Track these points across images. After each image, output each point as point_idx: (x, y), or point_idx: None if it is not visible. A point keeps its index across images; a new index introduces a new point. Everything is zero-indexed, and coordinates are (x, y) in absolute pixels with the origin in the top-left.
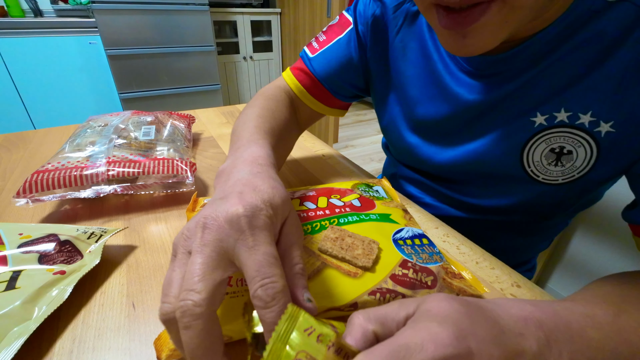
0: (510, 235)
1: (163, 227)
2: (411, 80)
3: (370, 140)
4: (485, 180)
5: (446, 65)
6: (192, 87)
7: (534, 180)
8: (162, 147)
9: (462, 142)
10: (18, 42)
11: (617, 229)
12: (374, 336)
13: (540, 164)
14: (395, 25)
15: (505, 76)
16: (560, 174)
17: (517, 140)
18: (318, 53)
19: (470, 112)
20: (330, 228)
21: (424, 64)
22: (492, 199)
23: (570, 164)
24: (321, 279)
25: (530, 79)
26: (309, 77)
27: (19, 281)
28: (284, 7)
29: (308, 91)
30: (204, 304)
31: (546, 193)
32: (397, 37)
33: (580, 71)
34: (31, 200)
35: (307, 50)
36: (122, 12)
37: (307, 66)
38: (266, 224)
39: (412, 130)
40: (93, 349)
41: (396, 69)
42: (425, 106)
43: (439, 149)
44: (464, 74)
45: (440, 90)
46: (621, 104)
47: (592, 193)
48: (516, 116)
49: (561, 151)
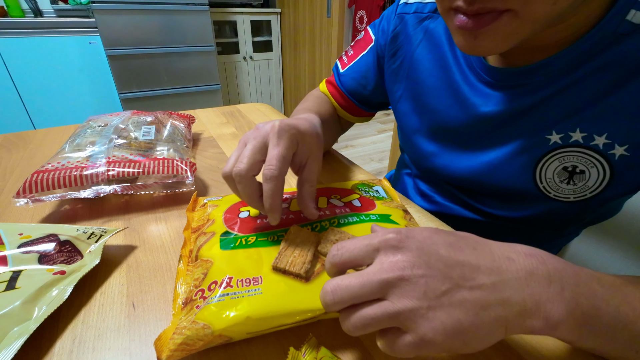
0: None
1: (163, 227)
2: (430, 90)
3: (370, 140)
4: (498, 193)
5: (465, 76)
6: (192, 87)
7: (546, 197)
8: (162, 147)
9: (477, 153)
10: (18, 42)
11: (617, 229)
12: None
13: (552, 181)
14: (416, 40)
15: (523, 90)
16: (572, 192)
17: (531, 156)
18: (347, 68)
19: (486, 122)
20: (330, 230)
21: (442, 75)
22: (504, 210)
23: (582, 183)
24: (321, 281)
25: (549, 95)
26: (338, 92)
27: (19, 281)
28: (284, 7)
29: (340, 105)
30: (246, 170)
31: (558, 209)
32: (417, 50)
33: (600, 93)
34: (31, 200)
35: (339, 64)
36: (122, 12)
37: (336, 82)
38: (290, 136)
39: (429, 138)
40: (93, 349)
41: (415, 80)
42: (442, 115)
43: (455, 158)
44: (483, 84)
45: (458, 100)
46: (638, 129)
47: (605, 207)
48: (532, 132)
49: (574, 170)
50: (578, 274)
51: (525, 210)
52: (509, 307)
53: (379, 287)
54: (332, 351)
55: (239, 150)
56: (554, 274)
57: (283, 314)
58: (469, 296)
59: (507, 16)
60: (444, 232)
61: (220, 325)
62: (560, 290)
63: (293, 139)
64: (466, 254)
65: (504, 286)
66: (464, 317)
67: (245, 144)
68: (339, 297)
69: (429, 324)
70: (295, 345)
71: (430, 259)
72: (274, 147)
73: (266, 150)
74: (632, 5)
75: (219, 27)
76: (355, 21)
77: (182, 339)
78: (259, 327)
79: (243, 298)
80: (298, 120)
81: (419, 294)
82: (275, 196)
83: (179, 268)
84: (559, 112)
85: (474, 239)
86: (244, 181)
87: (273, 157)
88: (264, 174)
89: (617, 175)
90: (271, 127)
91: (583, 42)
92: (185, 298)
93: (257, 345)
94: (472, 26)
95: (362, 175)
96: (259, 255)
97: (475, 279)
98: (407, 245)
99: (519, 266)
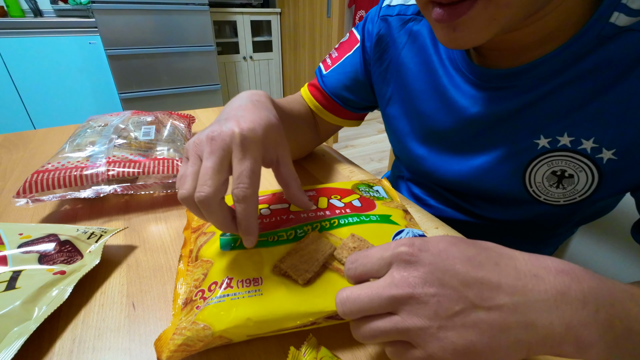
0: (514, 241)
1: (163, 227)
2: (417, 93)
3: (371, 140)
4: (488, 196)
5: (451, 78)
6: (192, 87)
7: (536, 200)
8: (162, 147)
9: (467, 157)
10: (18, 42)
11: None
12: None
13: (542, 185)
14: (400, 43)
15: (509, 92)
16: (562, 196)
17: (520, 160)
18: (330, 70)
19: (474, 125)
20: (351, 237)
21: (428, 78)
22: (496, 212)
23: (571, 187)
24: (322, 285)
25: (535, 99)
26: (321, 93)
27: (19, 281)
28: (283, 7)
29: (322, 106)
30: (212, 195)
31: (548, 212)
32: (401, 53)
33: (586, 97)
34: (31, 200)
35: (322, 66)
36: (122, 12)
37: (319, 83)
38: (255, 145)
39: (419, 142)
40: (93, 349)
41: (402, 84)
42: (431, 118)
43: (445, 162)
44: (469, 85)
45: (445, 103)
46: (625, 133)
47: (596, 207)
48: (520, 136)
49: (562, 174)
50: (613, 292)
51: (517, 213)
52: (532, 331)
53: (388, 303)
54: (332, 351)
55: (193, 165)
56: (589, 293)
57: (283, 315)
58: (485, 317)
59: (481, 3)
60: (463, 244)
61: (221, 326)
62: (595, 312)
63: (259, 145)
64: (486, 271)
65: (528, 308)
66: (477, 338)
67: (197, 157)
68: (348, 309)
69: (439, 343)
70: (296, 345)
71: (444, 276)
72: (240, 161)
73: (229, 166)
74: (616, 7)
75: (219, 27)
76: (355, 21)
77: (182, 339)
78: (259, 330)
79: (243, 299)
80: (251, 116)
81: (430, 313)
82: (250, 217)
83: (179, 268)
84: (546, 116)
85: (498, 252)
86: (212, 208)
87: (243, 174)
88: (235, 194)
89: (605, 179)
90: (230, 136)
91: (568, 46)
92: (186, 298)
93: (257, 345)
94: (448, 17)
95: (362, 175)
96: (259, 256)
97: (494, 298)
98: (420, 260)
99: (548, 285)
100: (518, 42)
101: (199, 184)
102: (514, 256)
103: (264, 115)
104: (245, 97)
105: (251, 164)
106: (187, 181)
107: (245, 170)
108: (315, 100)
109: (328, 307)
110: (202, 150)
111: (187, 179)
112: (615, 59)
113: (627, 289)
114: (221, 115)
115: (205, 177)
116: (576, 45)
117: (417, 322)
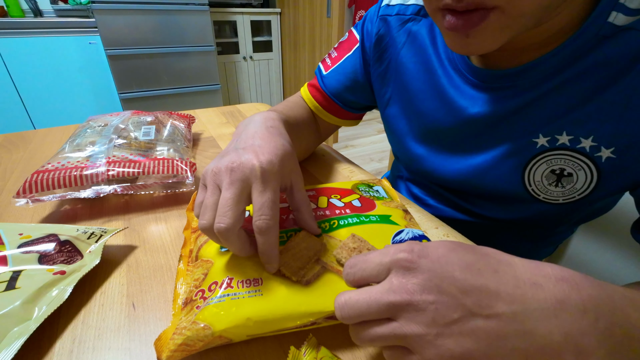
0: (514, 240)
1: (163, 227)
2: (416, 93)
3: (370, 140)
4: (488, 195)
5: (450, 78)
6: (192, 87)
7: (535, 199)
8: (162, 147)
9: (466, 156)
10: (18, 42)
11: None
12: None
13: (541, 183)
14: (399, 43)
15: (508, 92)
16: (561, 194)
17: (519, 159)
18: (330, 71)
19: (473, 125)
20: (351, 237)
21: (428, 78)
22: (495, 212)
23: (570, 185)
24: (322, 285)
25: (534, 98)
26: (321, 94)
27: (19, 281)
28: (283, 7)
29: (322, 106)
30: (232, 226)
31: (548, 211)
32: (400, 53)
33: (585, 96)
34: (31, 200)
35: (322, 67)
36: (122, 12)
37: (319, 83)
38: (274, 176)
39: (418, 141)
40: (93, 349)
41: (401, 84)
42: (430, 118)
43: (444, 161)
44: (468, 86)
45: (444, 103)
46: (624, 131)
47: (595, 206)
48: (519, 135)
49: (561, 173)
50: (612, 298)
51: (516, 212)
52: (530, 339)
53: (386, 309)
54: (332, 351)
55: (212, 195)
56: (589, 301)
57: (283, 315)
58: (483, 325)
59: (495, 14)
60: (462, 250)
61: (221, 326)
62: (595, 320)
63: (277, 176)
64: (485, 278)
65: (527, 317)
66: (474, 346)
67: (216, 186)
68: (346, 313)
69: (436, 350)
70: (296, 345)
71: (443, 283)
72: (261, 194)
73: (248, 197)
74: (613, 7)
75: (219, 27)
76: (355, 21)
77: (182, 339)
78: (259, 330)
79: (243, 299)
80: (268, 146)
81: (428, 320)
82: (273, 247)
83: (179, 268)
84: (545, 115)
85: (497, 259)
86: (231, 238)
87: (265, 206)
88: (257, 226)
89: (604, 178)
90: (250, 169)
91: (566, 45)
92: (186, 298)
93: (257, 344)
94: (462, 27)
95: (362, 175)
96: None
97: (492, 306)
98: (419, 266)
99: (548, 293)
100: (520, 44)
101: (218, 214)
102: (513, 263)
103: (280, 145)
104: (260, 123)
105: (272, 196)
106: (207, 211)
107: (267, 201)
108: (315, 101)
109: (328, 307)
110: (222, 181)
111: (207, 209)
112: (613, 58)
113: (627, 295)
114: (237, 143)
115: (225, 208)
116: (575, 44)
117: (415, 329)
